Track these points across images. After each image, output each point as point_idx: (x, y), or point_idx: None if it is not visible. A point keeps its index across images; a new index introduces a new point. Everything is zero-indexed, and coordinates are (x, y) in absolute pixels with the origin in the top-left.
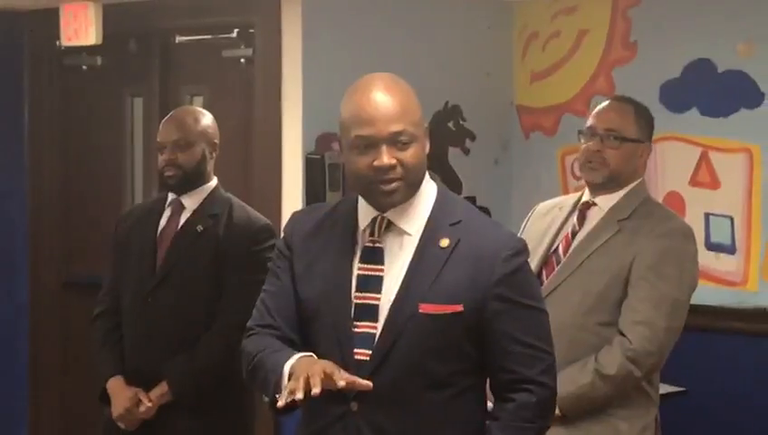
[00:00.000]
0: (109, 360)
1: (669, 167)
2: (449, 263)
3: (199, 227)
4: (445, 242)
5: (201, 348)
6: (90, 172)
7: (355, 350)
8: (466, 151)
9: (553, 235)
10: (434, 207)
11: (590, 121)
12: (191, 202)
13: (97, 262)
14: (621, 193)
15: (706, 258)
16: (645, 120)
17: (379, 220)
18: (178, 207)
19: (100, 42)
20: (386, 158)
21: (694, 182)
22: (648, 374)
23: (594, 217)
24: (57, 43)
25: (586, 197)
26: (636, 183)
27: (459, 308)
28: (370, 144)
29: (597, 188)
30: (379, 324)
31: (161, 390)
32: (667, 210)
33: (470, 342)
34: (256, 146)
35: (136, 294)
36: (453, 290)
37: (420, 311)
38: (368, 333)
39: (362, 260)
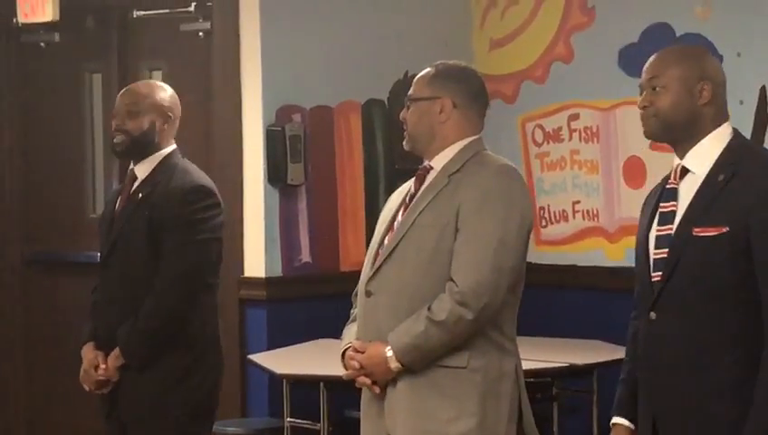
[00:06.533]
0: (86, 328)
1: (629, 131)
2: (723, 193)
3: (139, 195)
4: (721, 177)
5: (143, 310)
6: (50, 149)
7: (652, 273)
8: None
9: (398, 206)
10: (722, 151)
11: None
12: (142, 171)
13: (58, 239)
14: (454, 151)
15: None
16: (443, 75)
17: (675, 166)
18: (132, 178)
19: (57, 18)
20: None
21: (654, 146)
22: (482, 316)
23: (431, 178)
24: (14, 20)
25: (425, 162)
26: (470, 140)
27: (725, 229)
28: None
29: (425, 154)
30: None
31: (115, 353)
32: (497, 158)
33: (745, 259)
34: (216, 119)
35: (100, 264)
36: (722, 215)
37: (693, 234)
38: (661, 259)
39: (662, 200)
